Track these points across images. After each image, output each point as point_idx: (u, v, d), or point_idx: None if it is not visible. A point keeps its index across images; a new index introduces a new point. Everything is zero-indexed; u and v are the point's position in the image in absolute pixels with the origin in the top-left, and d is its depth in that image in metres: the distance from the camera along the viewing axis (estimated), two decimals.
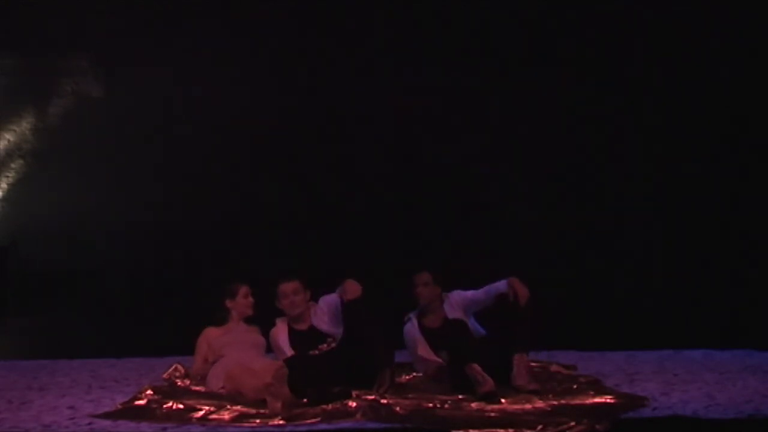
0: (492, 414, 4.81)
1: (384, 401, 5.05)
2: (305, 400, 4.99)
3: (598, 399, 5.20)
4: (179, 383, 5.80)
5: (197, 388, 5.66)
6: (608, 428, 4.47)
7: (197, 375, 5.90)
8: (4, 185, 9.32)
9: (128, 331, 8.41)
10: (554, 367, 6.22)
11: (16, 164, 9.34)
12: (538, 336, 5.73)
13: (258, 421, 4.75)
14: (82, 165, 9.10)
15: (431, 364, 5.87)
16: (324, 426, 4.62)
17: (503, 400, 5.09)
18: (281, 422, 4.70)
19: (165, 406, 5.07)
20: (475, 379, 5.20)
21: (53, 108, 9.31)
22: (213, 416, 4.86)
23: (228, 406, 4.99)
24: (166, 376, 5.95)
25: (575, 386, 5.59)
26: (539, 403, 5.04)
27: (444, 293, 6.10)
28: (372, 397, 5.10)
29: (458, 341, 5.63)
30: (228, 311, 6.09)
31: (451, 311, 6.03)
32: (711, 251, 8.58)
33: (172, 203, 8.96)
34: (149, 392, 5.39)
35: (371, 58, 9.02)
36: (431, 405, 5.04)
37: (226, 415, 4.87)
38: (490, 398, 5.09)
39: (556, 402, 5.10)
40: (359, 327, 5.64)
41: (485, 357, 5.38)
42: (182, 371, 5.99)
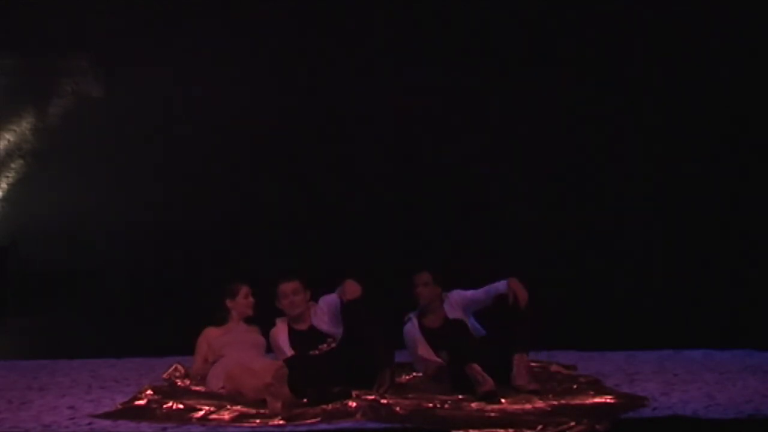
0: (492, 414, 4.81)
1: (384, 401, 5.05)
2: (305, 400, 4.99)
3: (598, 399, 5.19)
4: (179, 383, 5.80)
5: (197, 388, 5.66)
6: (608, 428, 4.46)
7: (197, 375, 5.90)
8: (4, 185, 9.32)
9: (128, 331, 8.41)
10: (554, 367, 6.22)
11: (16, 164, 9.33)
12: (538, 336, 5.73)
13: (258, 421, 4.75)
14: (82, 165, 9.10)
15: (431, 364, 5.86)
16: (324, 426, 4.62)
17: (503, 400, 5.09)
18: (281, 422, 4.70)
19: (165, 406, 5.07)
20: (475, 379, 5.20)
21: (53, 108, 9.31)
22: (213, 416, 4.86)
23: (228, 406, 4.99)
24: (166, 376, 5.95)
25: (575, 386, 5.59)
26: (539, 403, 5.04)
27: (444, 293, 6.10)
28: (372, 397, 5.10)
29: (458, 341, 5.63)
30: (228, 311, 6.09)
31: (451, 311, 6.03)
32: (711, 251, 8.58)
33: (172, 203, 8.96)
34: (149, 392, 5.39)
35: (371, 58, 9.02)
36: (431, 405, 5.04)
37: (226, 415, 4.86)
38: (490, 398, 5.09)
39: (556, 402, 5.10)
40: (359, 327, 5.64)
41: (485, 357, 5.38)
42: (182, 371, 5.99)
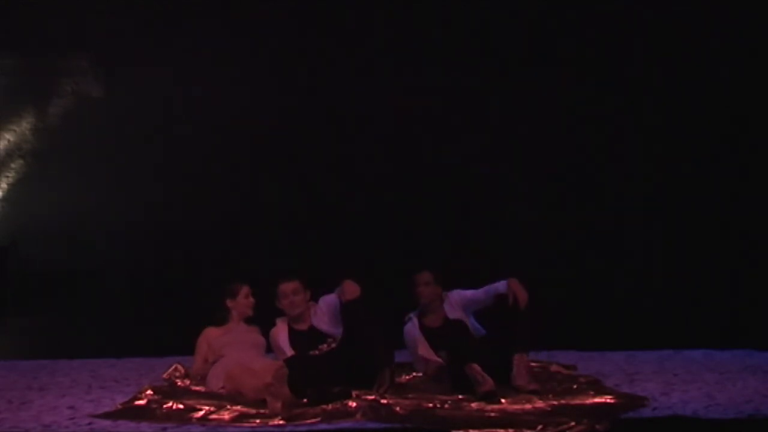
0: (492, 414, 4.81)
1: (384, 401, 5.05)
2: (305, 400, 4.99)
3: (598, 399, 5.19)
4: (179, 383, 5.80)
5: (197, 388, 5.66)
6: (608, 428, 4.46)
7: (197, 375, 5.90)
8: (4, 185, 9.32)
9: (128, 331, 8.40)
10: (554, 367, 6.22)
11: (16, 164, 9.33)
12: (538, 336, 5.73)
13: (258, 421, 4.75)
14: (82, 165, 9.10)
15: (431, 364, 5.86)
16: (324, 426, 4.62)
17: (503, 400, 5.08)
18: (281, 422, 4.70)
19: (165, 406, 5.07)
20: (475, 379, 5.20)
21: (53, 108, 9.30)
22: (213, 416, 4.86)
23: (228, 406, 4.99)
24: (166, 376, 5.95)
25: (575, 386, 5.59)
26: (539, 403, 5.04)
27: (444, 293, 6.10)
28: (372, 397, 5.10)
29: (458, 341, 5.64)
30: (228, 311, 6.09)
31: (451, 311, 6.04)
32: (711, 251, 8.58)
33: (172, 203, 8.95)
34: (149, 392, 5.39)
35: (371, 58, 9.02)
36: (431, 405, 5.04)
37: (226, 415, 4.86)
38: (490, 398, 5.09)
39: (556, 402, 5.10)
40: (358, 327, 5.64)
41: (485, 357, 5.38)
42: (182, 371, 5.99)
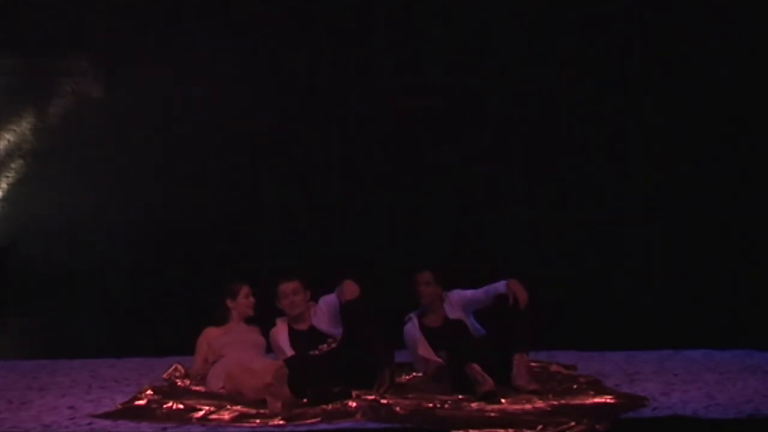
0: (492, 414, 4.81)
1: (384, 401, 5.05)
2: (305, 400, 4.99)
3: (598, 399, 5.19)
4: (179, 383, 5.80)
5: (197, 388, 5.66)
6: (608, 428, 4.46)
7: (197, 375, 5.90)
8: (4, 185, 9.32)
9: (128, 331, 8.40)
10: (554, 367, 6.22)
11: (16, 164, 9.33)
12: (538, 336, 5.73)
13: (258, 421, 4.75)
14: (82, 165, 9.10)
15: (431, 364, 5.86)
16: (324, 426, 4.62)
17: (503, 400, 5.08)
18: (281, 422, 4.70)
19: (165, 406, 5.07)
20: (475, 379, 5.20)
21: (53, 108, 9.30)
22: (213, 416, 4.86)
23: (228, 406, 4.99)
24: (166, 376, 5.95)
25: (575, 386, 5.59)
26: (539, 403, 5.04)
27: (444, 293, 6.10)
28: (372, 397, 5.10)
29: (458, 341, 5.64)
30: (228, 311, 6.09)
31: (451, 311, 6.04)
32: (711, 251, 8.58)
33: (172, 203, 8.95)
34: (149, 392, 5.39)
35: (371, 58, 9.02)
36: (431, 405, 5.04)
37: (226, 415, 4.86)
38: (490, 398, 5.09)
39: (556, 402, 5.10)
40: (358, 327, 5.64)
41: (485, 357, 5.38)
42: (182, 371, 5.99)
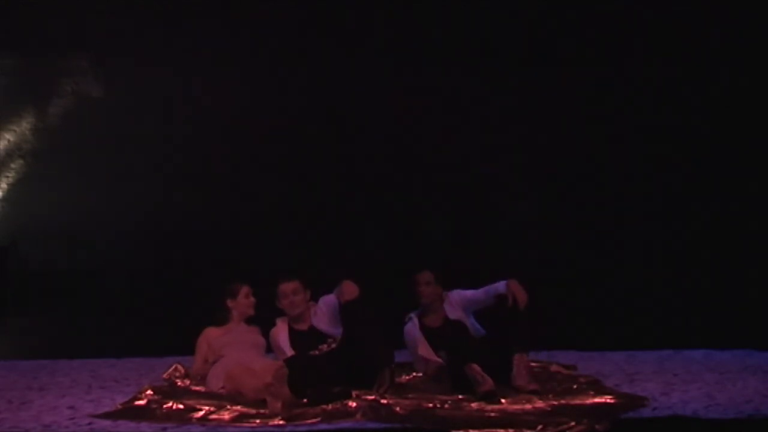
0: (492, 414, 4.81)
1: (384, 401, 5.05)
2: (305, 400, 4.99)
3: (598, 399, 5.19)
4: (179, 383, 5.80)
5: (197, 388, 5.66)
6: (608, 428, 4.46)
7: (197, 375, 5.90)
8: (4, 185, 9.32)
9: (128, 331, 8.40)
10: (554, 367, 6.21)
11: (16, 164, 9.33)
12: (538, 336, 5.73)
13: (258, 421, 4.75)
14: (82, 165, 9.10)
15: (431, 364, 5.86)
16: (324, 426, 4.62)
17: (503, 400, 5.08)
18: (281, 422, 4.70)
19: (165, 406, 5.07)
20: (475, 379, 5.20)
21: (53, 108, 9.30)
22: (213, 416, 4.86)
23: (228, 406, 4.99)
24: (166, 376, 5.95)
25: (575, 386, 5.58)
26: (539, 403, 5.04)
27: (444, 293, 6.10)
28: (372, 397, 5.10)
29: (458, 341, 5.64)
30: (229, 311, 6.09)
31: (451, 311, 6.04)
32: (711, 251, 8.58)
33: (172, 203, 8.96)
34: (149, 392, 5.39)
35: (371, 58, 9.02)
36: (431, 405, 5.04)
37: (226, 415, 4.86)
38: (490, 398, 5.09)
39: (556, 402, 5.10)
40: (358, 327, 5.64)
41: (485, 357, 5.39)
42: (182, 371, 5.99)
